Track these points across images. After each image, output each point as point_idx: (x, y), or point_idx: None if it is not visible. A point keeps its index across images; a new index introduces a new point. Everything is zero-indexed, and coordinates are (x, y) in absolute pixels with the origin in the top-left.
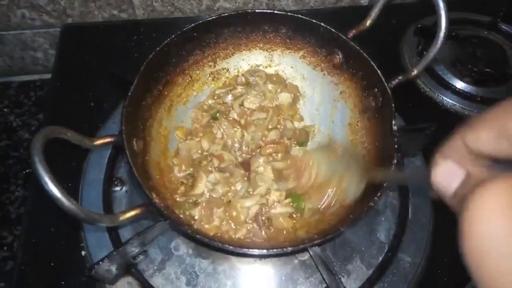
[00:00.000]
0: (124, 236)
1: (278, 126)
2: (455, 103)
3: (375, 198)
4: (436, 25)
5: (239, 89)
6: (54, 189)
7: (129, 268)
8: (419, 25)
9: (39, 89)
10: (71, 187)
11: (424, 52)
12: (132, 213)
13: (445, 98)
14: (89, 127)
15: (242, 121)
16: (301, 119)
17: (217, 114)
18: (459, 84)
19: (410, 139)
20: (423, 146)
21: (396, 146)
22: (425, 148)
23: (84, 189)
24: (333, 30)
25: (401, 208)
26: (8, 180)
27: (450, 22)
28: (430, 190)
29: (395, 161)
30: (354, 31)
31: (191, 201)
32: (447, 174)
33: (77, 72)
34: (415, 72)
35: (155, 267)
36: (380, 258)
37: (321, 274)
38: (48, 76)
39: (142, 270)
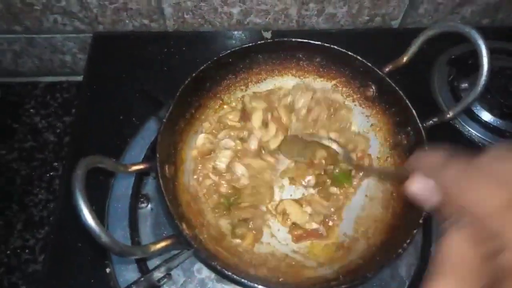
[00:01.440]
0: None
1: None
2: (483, 137)
3: (405, 245)
4: (468, 54)
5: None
6: (93, 224)
7: None
8: (452, 56)
9: (66, 91)
10: (99, 203)
11: (455, 83)
12: (162, 244)
13: (473, 131)
14: (118, 140)
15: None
16: None
17: None
18: (488, 117)
19: None
20: None
21: None
22: None
23: (111, 206)
24: (369, 64)
25: (424, 243)
26: (32, 183)
27: None
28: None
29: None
30: (390, 66)
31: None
32: (423, 189)
33: (107, 82)
34: (450, 114)
35: None
36: None
37: None
38: (75, 78)
39: None
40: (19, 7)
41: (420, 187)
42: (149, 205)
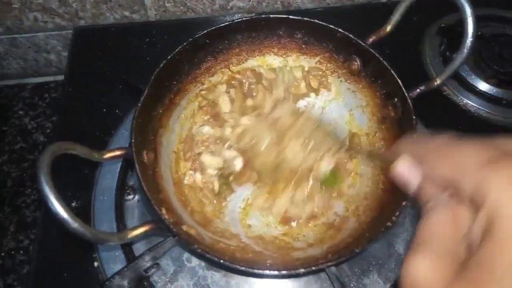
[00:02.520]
0: (136, 247)
1: None
2: (479, 106)
3: (393, 217)
4: (460, 23)
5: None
6: (60, 210)
7: (141, 281)
8: (442, 25)
9: (54, 90)
10: (84, 197)
11: (447, 53)
12: (141, 230)
13: (469, 102)
14: (101, 133)
15: None
16: None
17: None
18: (484, 86)
19: None
20: None
21: None
22: None
23: (96, 199)
24: (351, 36)
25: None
26: (24, 184)
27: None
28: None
29: None
30: (374, 37)
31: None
32: (405, 177)
33: (89, 77)
34: (438, 82)
35: (167, 279)
36: (399, 272)
37: None
38: (62, 77)
39: (155, 282)
40: None
41: (405, 166)
42: (136, 197)
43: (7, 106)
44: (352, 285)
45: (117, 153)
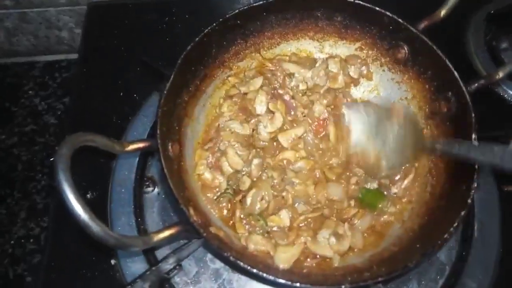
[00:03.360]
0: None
1: None
2: None
3: (451, 228)
4: (509, 9)
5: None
6: (80, 212)
7: (162, 283)
8: (491, 11)
9: (65, 70)
10: (101, 189)
11: (494, 43)
12: (167, 233)
13: None
14: (118, 119)
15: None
16: None
17: None
18: None
19: None
20: None
21: (477, 166)
22: None
23: (113, 191)
24: (401, 21)
25: (465, 226)
26: (35, 168)
27: None
28: None
29: (475, 184)
30: (426, 22)
31: None
32: None
33: (105, 57)
34: (500, 75)
35: (189, 281)
36: (441, 282)
37: None
38: (74, 56)
39: (176, 284)
40: None
41: None
42: (156, 189)
43: (17, 85)
44: None
45: (140, 145)
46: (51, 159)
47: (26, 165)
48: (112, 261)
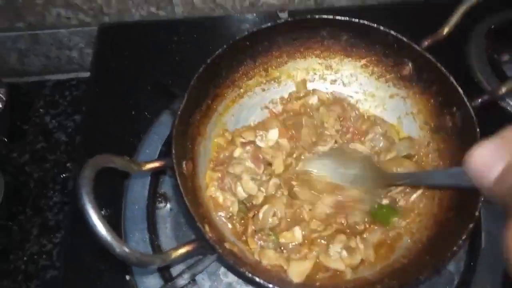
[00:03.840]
0: None
1: None
2: None
3: (460, 241)
4: (509, 23)
5: None
6: (104, 233)
7: None
8: (492, 26)
9: (75, 88)
10: (114, 206)
11: (495, 56)
12: (183, 250)
13: None
14: (130, 137)
15: None
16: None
17: None
18: None
19: None
20: None
21: None
22: None
23: (127, 208)
24: (405, 40)
25: (473, 235)
26: (46, 185)
27: None
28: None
29: (482, 197)
30: (430, 40)
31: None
32: (485, 160)
33: (115, 76)
34: (503, 90)
35: None
36: None
37: None
38: (83, 75)
39: None
40: (20, 2)
41: (486, 150)
42: (168, 205)
43: (28, 104)
44: None
45: (157, 164)
46: (63, 175)
47: (38, 182)
48: (127, 277)
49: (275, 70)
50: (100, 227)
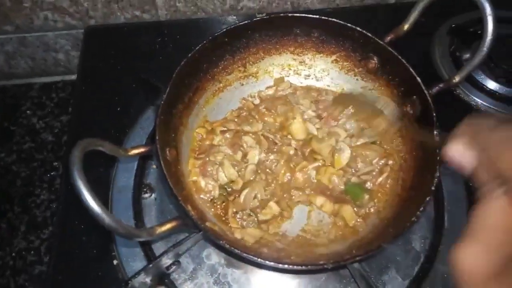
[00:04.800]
0: (155, 245)
1: None
2: (490, 105)
3: (418, 212)
4: (471, 23)
5: None
6: (94, 206)
7: (162, 278)
8: (453, 25)
9: (61, 90)
10: (102, 196)
11: (457, 53)
12: (168, 226)
13: (479, 101)
14: (117, 132)
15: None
16: None
17: None
18: (493, 85)
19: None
20: None
21: (438, 157)
22: None
23: (114, 197)
24: (369, 35)
25: (436, 216)
26: (33, 183)
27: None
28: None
29: (437, 173)
30: (392, 35)
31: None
32: (461, 153)
33: (102, 76)
34: (457, 79)
35: (187, 277)
36: (416, 269)
37: (358, 286)
38: (70, 77)
39: (175, 280)
40: (8, 5)
41: (458, 150)
42: (153, 195)
43: (15, 106)
44: (371, 282)
45: (142, 149)
46: (50, 174)
47: (25, 181)
48: (115, 262)
49: (252, 66)
50: (91, 201)
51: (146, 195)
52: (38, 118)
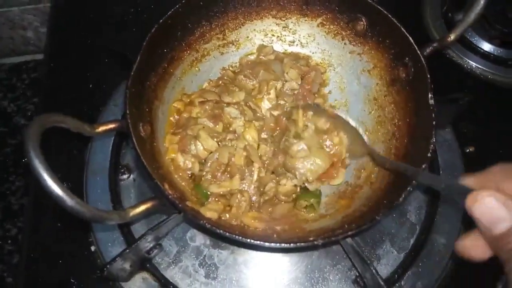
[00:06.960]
0: (135, 228)
1: None
2: (483, 68)
3: (414, 181)
4: None
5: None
6: (54, 187)
7: (143, 263)
8: None
9: (33, 70)
10: (75, 179)
11: (449, 14)
12: (143, 207)
13: (473, 63)
14: (89, 110)
15: None
16: (324, 97)
17: None
18: (487, 47)
19: (440, 111)
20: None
21: (434, 122)
22: (455, 120)
23: (88, 180)
24: None
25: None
26: (7, 170)
27: None
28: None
29: (433, 139)
30: None
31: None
32: (494, 212)
33: (72, 51)
34: (452, 37)
35: (171, 260)
36: (412, 241)
37: (352, 262)
38: (41, 56)
39: (157, 264)
40: None
41: (496, 200)
42: (131, 176)
43: None
44: (365, 257)
45: (111, 126)
46: (25, 159)
47: None
48: (92, 248)
49: (232, 33)
50: (50, 182)
51: (124, 177)
52: (9, 101)
